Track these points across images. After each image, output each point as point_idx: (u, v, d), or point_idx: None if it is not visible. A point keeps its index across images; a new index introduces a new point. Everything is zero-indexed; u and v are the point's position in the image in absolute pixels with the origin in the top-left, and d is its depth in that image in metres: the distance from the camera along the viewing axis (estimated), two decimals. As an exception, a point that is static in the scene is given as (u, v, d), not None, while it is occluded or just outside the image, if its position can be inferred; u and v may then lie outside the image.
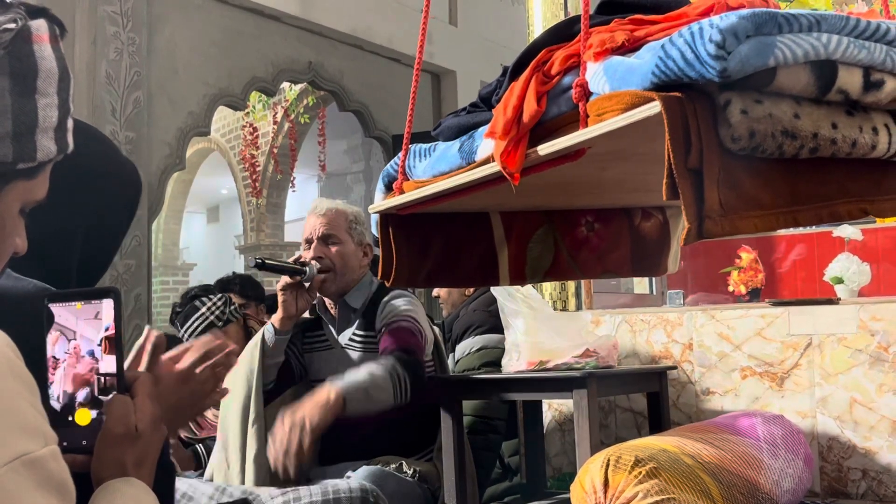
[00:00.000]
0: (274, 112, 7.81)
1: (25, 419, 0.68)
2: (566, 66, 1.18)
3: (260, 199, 8.07)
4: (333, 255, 2.46)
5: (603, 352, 2.37)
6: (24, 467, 0.65)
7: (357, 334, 2.49)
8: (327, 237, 2.47)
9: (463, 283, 2.62)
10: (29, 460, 0.65)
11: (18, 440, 0.66)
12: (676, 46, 0.95)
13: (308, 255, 2.46)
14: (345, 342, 2.50)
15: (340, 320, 2.53)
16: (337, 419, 2.37)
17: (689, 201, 0.91)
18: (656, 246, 1.85)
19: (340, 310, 2.52)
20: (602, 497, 1.71)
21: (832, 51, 0.94)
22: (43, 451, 0.67)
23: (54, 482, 0.67)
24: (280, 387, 2.50)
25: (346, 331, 2.51)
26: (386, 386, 2.18)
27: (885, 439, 2.28)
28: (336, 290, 2.49)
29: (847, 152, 0.97)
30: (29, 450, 0.66)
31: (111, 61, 4.21)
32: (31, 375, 0.71)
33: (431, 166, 1.50)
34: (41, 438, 0.68)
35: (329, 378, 2.23)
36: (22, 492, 0.64)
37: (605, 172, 1.40)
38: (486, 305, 3.19)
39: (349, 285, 2.50)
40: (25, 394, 0.69)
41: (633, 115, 0.99)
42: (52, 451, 0.68)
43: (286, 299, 2.41)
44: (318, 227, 2.48)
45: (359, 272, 2.52)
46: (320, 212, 2.51)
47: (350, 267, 2.49)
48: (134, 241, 4.25)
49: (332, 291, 2.49)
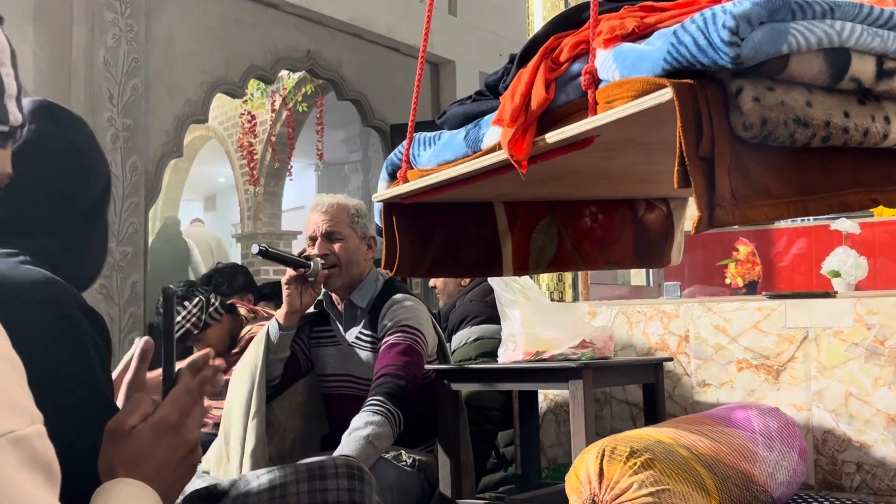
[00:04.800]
0: (272, 100, 7.78)
1: (11, 397, 0.67)
2: (575, 53, 1.18)
3: (257, 188, 8.05)
4: (338, 252, 2.47)
5: (599, 343, 2.38)
6: (10, 444, 0.64)
7: (364, 333, 2.50)
8: (330, 234, 2.48)
9: (466, 274, 2.62)
10: (15, 438, 0.65)
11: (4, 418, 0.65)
12: (689, 33, 0.95)
13: (312, 252, 2.48)
14: (352, 340, 2.52)
15: (347, 318, 2.54)
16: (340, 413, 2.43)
17: (700, 190, 0.91)
18: (660, 237, 1.85)
19: (347, 308, 2.54)
20: (597, 488, 1.71)
21: (845, 38, 0.93)
22: (29, 429, 0.66)
23: (40, 461, 0.67)
24: (286, 381, 2.51)
25: (352, 328, 2.53)
26: (386, 432, 2.20)
27: (879, 433, 2.29)
28: (342, 285, 2.50)
29: (858, 141, 0.97)
30: (15, 427, 0.65)
31: (109, 48, 4.18)
32: (17, 357, 0.71)
33: (436, 155, 1.49)
34: (27, 417, 0.67)
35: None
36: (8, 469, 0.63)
37: (611, 162, 1.40)
38: (483, 296, 3.19)
39: (355, 279, 2.51)
40: (12, 373, 0.69)
41: (644, 102, 0.98)
42: (37, 430, 0.68)
43: (291, 293, 2.41)
44: (320, 225, 2.49)
45: (364, 265, 2.54)
46: (322, 208, 2.51)
47: (354, 262, 2.50)
48: (131, 228, 4.24)
49: (339, 286, 2.50)
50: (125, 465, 0.88)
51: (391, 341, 2.37)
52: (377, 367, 2.36)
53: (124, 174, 4.22)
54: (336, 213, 2.51)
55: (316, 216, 2.51)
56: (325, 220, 2.49)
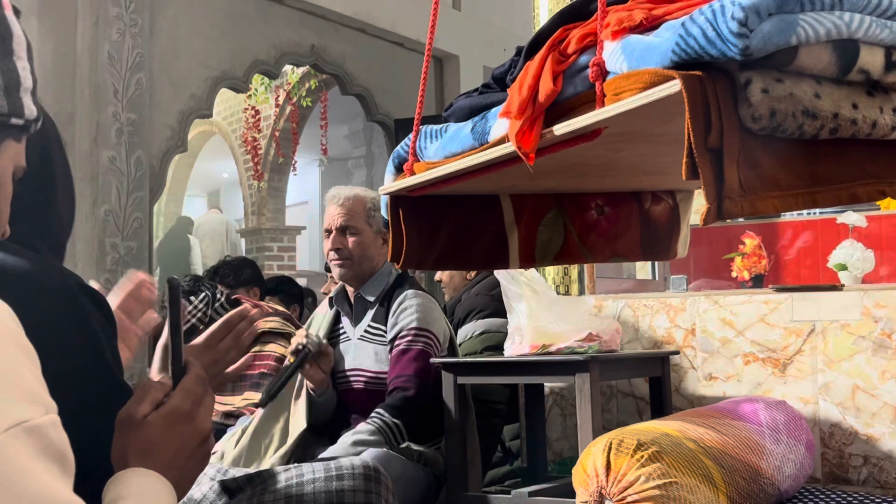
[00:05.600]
0: (276, 95, 7.77)
1: (26, 387, 0.67)
2: (583, 46, 1.18)
3: (261, 183, 8.05)
4: (351, 247, 2.50)
5: (605, 336, 2.38)
6: (24, 433, 0.64)
7: (372, 326, 2.53)
8: (345, 228, 2.52)
9: (472, 266, 2.64)
10: (29, 427, 0.65)
11: (19, 407, 0.65)
12: (697, 24, 0.95)
13: (326, 247, 2.54)
14: (360, 334, 2.54)
15: (357, 311, 2.57)
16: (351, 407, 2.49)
17: (708, 181, 0.91)
18: (666, 230, 1.85)
19: (356, 302, 2.57)
20: (604, 480, 1.71)
21: (854, 30, 0.93)
22: (43, 418, 0.67)
23: (54, 450, 0.67)
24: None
25: (361, 322, 2.55)
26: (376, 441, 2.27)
27: (886, 426, 2.29)
28: (354, 277, 2.53)
29: (867, 133, 0.97)
30: (29, 416, 0.65)
31: (113, 42, 4.18)
32: (31, 346, 0.71)
33: (443, 147, 1.49)
34: (42, 406, 0.67)
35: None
36: (22, 458, 0.63)
37: (619, 154, 1.39)
38: (489, 289, 3.19)
39: (367, 273, 2.54)
40: (27, 362, 0.69)
41: (653, 94, 0.98)
42: (52, 420, 0.68)
43: (307, 374, 2.45)
44: (336, 218, 2.52)
45: (378, 259, 2.56)
46: (338, 201, 2.54)
47: (368, 256, 2.53)
48: (135, 223, 4.25)
49: (351, 278, 2.54)
50: (138, 455, 0.88)
51: (402, 346, 2.41)
52: (389, 376, 2.41)
53: (129, 169, 4.23)
54: (352, 206, 2.53)
55: (332, 209, 2.54)
56: (341, 213, 2.52)
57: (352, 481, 1.46)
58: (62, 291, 1.03)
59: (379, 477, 1.50)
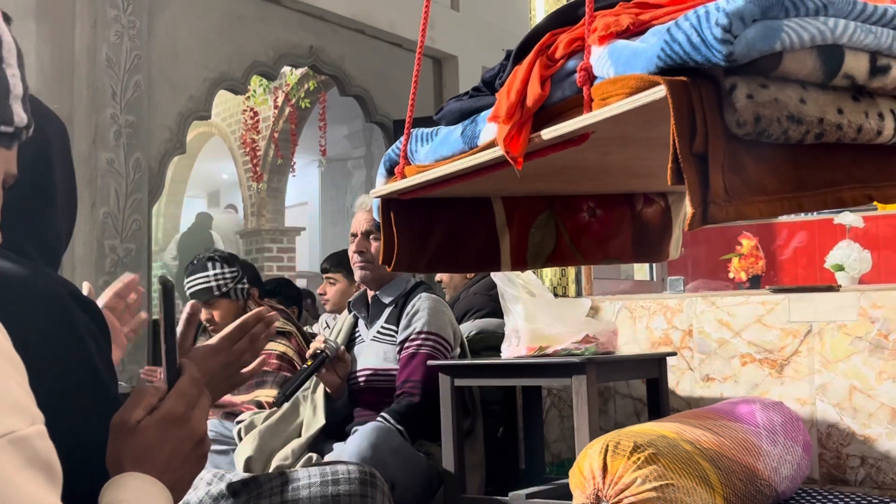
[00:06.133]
0: (275, 96, 7.78)
1: (12, 398, 0.67)
2: (570, 50, 1.17)
3: (260, 184, 8.06)
4: (373, 251, 2.63)
5: (603, 338, 2.38)
6: (10, 445, 0.64)
7: (384, 326, 2.64)
8: (369, 233, 2.66)
9: (464, 269, 2.68)
10: (15, 438, 0.64)
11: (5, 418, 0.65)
12: (682, 30, 0.95)
13: (351, 250, 2.69)
14: (374, 335, 2.65)
15: (373, 313, 2.69)
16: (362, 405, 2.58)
17: (693, 186, 0.91)
18: (658, 232, 1.85)
19: (373, 304, 2.69)
20: (601, 482, 1.71)
21: (839, 35, 0.93)
22: (30, 429, 0.66)
23: (41, 461, 0.66)
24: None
25: (376, 323, 2.66)
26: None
27: (884, 426, 2.29)
28: (374, 280, 2.66)
29: (853, 138, 0.97)
30: (15, 427, 0.65)
31: (112, 44, 4.19)
32: (18, 357, 0.70)
33: (433, 151, 1.49)
34: (28, 417, 0.67)
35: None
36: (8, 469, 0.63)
37: (609, 158, 1.39)
38: (487, 289, 3.19)
39: (385, 277, 2.66)
40: (13, 373, 0.69)
41: (638, 100, 0.98)
42: (38, 430, 0.67)
43: (324, 378, 2.56)
44: (362, 223, 2.68)
45: None
46: (366, 207, 2.67)
47: None
48: (134, 225, 4.25)
49: (371, 280, 2.67)
50: (133, 460, 0.88)
51: (412, 350, 2.51)
52: (398, 380, 2.50)
53: (127, 171, 4.23)
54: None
55: (360, 214, 2.71)
56: (368, 219, 2.67)
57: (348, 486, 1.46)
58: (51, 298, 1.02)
59: (375, 482, 1.51)
